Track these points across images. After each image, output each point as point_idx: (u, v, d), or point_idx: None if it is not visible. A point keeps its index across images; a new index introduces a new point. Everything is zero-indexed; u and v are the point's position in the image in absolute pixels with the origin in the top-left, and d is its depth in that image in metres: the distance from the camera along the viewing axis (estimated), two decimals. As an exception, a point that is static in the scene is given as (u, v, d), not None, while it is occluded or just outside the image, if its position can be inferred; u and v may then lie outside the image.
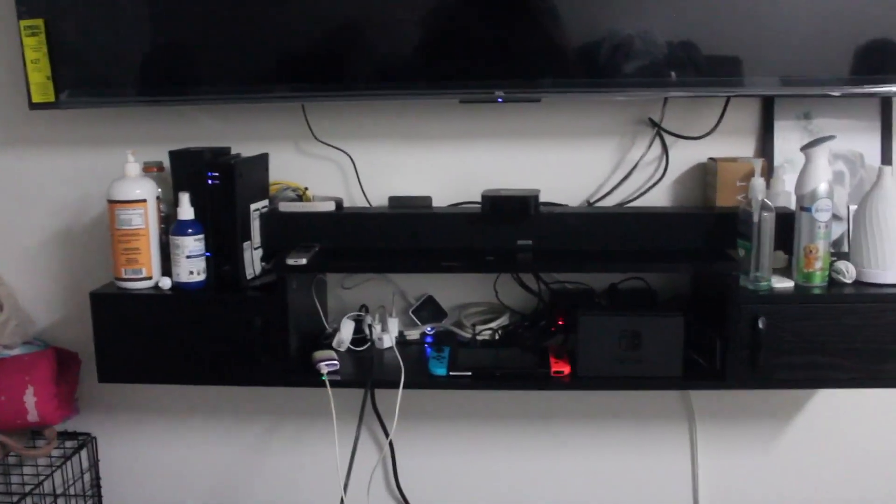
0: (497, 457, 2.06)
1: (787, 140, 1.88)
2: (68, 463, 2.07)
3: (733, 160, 1.83)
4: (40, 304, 2.08)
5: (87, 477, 2.11)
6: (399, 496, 2.08)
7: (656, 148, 1.91)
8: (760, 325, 1.65)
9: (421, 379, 1.74)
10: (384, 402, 1.98)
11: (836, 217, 1.85)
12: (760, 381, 1.69)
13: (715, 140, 1.89)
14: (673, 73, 1.75)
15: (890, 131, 1.88)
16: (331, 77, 1.81)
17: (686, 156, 1.91)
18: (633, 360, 1.70)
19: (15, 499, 1.96)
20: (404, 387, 1.72)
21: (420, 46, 1.79)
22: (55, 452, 2.06)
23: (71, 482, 2.08)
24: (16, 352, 1.99)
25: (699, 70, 1.75)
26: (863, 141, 1.89)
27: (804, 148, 1.70)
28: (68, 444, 2.09)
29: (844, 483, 2.03)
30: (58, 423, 2.02)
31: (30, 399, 1.94)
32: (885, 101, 1.87)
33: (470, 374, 1.73)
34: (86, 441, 2.11)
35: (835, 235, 1.86)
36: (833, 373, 1.68)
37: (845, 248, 1.87)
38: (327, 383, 1.72)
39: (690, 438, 2.03)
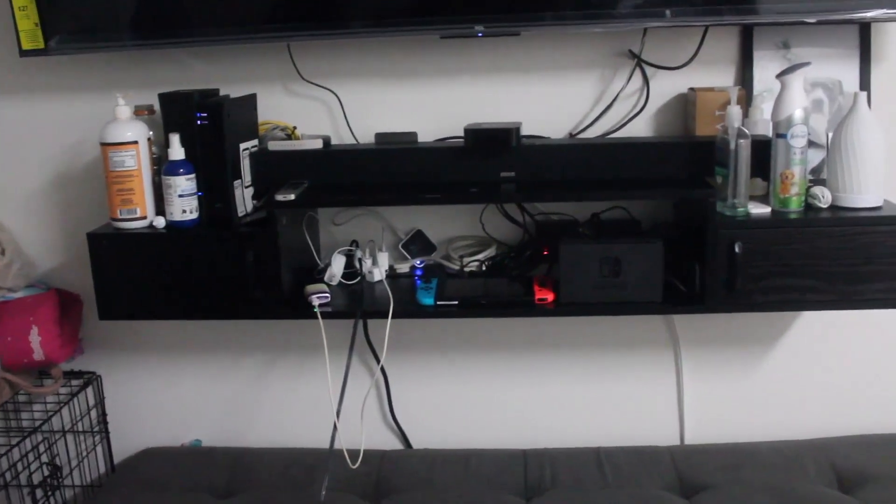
0: (487, 385, 2.13)
1: (767, 69, 1.90)
2: (75, 400, 2.14)
3: (711, 90, 1.86)
4: (41, 248, 2.14)
5: (93, 413, 2.19)
6: (394, 425, 2.16)
7: (637, 80, 1.93)
8: (737, 250, 1.70)
9: (409, 308, 1.80)
10: (377, 334, 2.04)
11: (815, 144, 1.89)
12: (738, 305, 1.74)
13: (696, 71, 1.92)
14: (650, 4, 1.77)
15: (868, 58, 1.89)
16: (315, 16, 1.84)
17: (667, 87, 1.94)
18: (614, 286, 1.75)
19: (25, 434, 2.04)
20: (393, 316, 1.77)
21: (401, -17, 1.82)
22: (62, 390, 2.13)
23: (78, 418, 2.16)
24: (19, 294, 2.05)
25: (677, 0, 1.77)
26: (841, 68, 1.91)
27: (779, 75, 1.72)
28: (74, 382, 2.16)
29: (825, 405, 2.09)
30: (63, 362, 2.09)
31: (34, 339, 2.00)
32: (864, 27, 1.88)
33: (456, 303, 1.79)
34: (91, 379, 2.18)
35: (815, 162, 1.90)
36: (808, 295, 1.73)
37: (825, 175, 1.90)
38: (318, 315, 1.78)
39: (676, 365, 2.09)
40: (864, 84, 1.90)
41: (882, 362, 2.06)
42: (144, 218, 1.83)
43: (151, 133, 1.85)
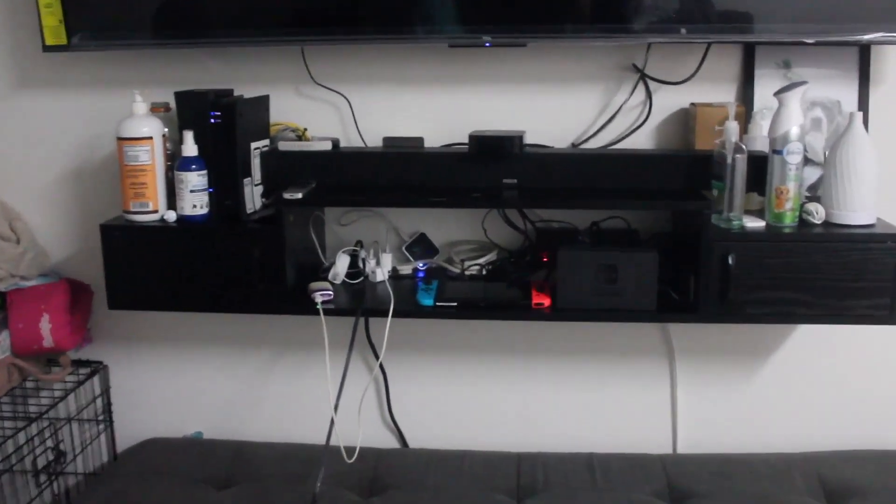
0: (484, 388, 2.17)
1: (768, 87, 1.94)
2: (81, 388, 2.20)
3: (711, 105, 1.90)
4: (55, 239, 2.19)
5: (98, 402, 2.24)
6: (392, 424, 2.20)
7: (640, 93, 1.98)
8: (730, 262, 1.74)
9: (409, 308, 1.85)
10: (378, 333, 2.09)
11: (812, 162, 1.93)
12: (730, 316, 1.78)
13: (699, 87, 1.96)
14: (655, 20, 1.82)
15: (867, 79, 1.94)
16: (329, 22, 1.90)
17: (670, 101, 1.98)
18: (609, 293, 1.79)
19: (31, 419, 2.09)
20: (393, 315, 1.82)
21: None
22: (69, 379, 2.18)
23: (83, 406, 2.21)
24: (32, 283, 2.11)
25: (680, 17, 1.82)
26: (841, 89, 1.95)
27: (777, 93, 1.77)
28: (81, 371, 2.22)
29: (816, 420, 2.12)
30: (71, 350, 2.15)
31: (45, 326, 2.06)
32: (864, 50, 1.93)
33: (455, 304, 1.84)
34: (98, 368, 2.23)
35: (812, 179, 1.94)
36: (799, 308, 1.77)
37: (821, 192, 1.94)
38: (321, 311, 1.83)
39: (670, 375, 2.13)
40: (863, 105, 1.94)
41: (873, 379, 2.09)
42: (156, 212, 1.88)
43: (166, 130, 1.91)
